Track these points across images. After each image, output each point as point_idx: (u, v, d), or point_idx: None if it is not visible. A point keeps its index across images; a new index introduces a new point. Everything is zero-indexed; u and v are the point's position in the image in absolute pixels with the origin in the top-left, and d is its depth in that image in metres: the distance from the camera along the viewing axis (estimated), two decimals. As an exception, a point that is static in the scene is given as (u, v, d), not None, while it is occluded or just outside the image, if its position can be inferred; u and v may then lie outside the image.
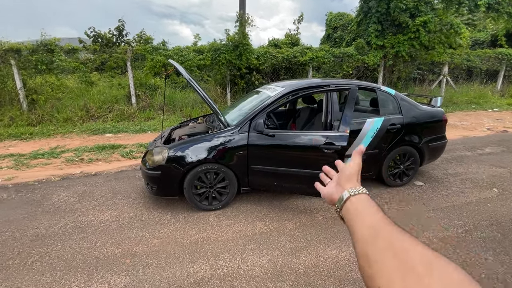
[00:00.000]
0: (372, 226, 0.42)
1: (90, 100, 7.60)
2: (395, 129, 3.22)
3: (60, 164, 4.53)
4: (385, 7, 8.28)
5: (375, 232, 0.41)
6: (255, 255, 2.22)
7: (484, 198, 3.16)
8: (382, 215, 0.44)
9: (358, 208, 0.48)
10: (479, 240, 2.39)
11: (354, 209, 0.49)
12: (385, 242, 0.38)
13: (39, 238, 2.46)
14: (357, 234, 0.44)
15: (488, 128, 6.77)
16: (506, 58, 10.63)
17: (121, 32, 10.94)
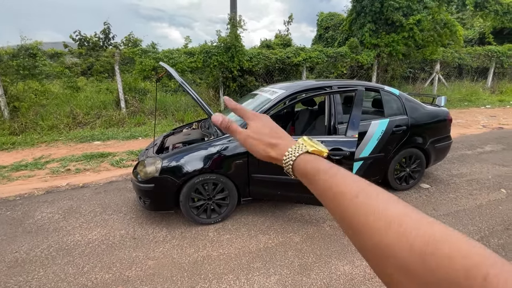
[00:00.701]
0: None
1: (77, 106, 7.26)
2: (401, 131, 3.08)
3: (45, 176, 4.23)
4: (378, 6, 8.24)
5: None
6: (261, 275, 2.02)
7: (494, 200, 3.05)
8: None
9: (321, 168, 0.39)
10: (497, 248, 2.26)
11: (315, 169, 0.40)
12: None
13: (19, 264, 2.19)
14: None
15: (484, 125, 6.78)
16: (495, 55, 10.78)
17: (107, 35, 10.61)
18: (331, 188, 0.36)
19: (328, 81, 3.17)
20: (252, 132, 0.48)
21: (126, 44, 11.85)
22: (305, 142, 0.44)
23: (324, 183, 0.37)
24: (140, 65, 7.78)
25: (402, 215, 0.28)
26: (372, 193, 0.32)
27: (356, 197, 0.32)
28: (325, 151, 0.44)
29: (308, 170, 0.40)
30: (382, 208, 0.30)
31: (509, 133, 5.99)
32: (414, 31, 8.23)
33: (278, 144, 0.46)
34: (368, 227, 0.29)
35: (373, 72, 9.22)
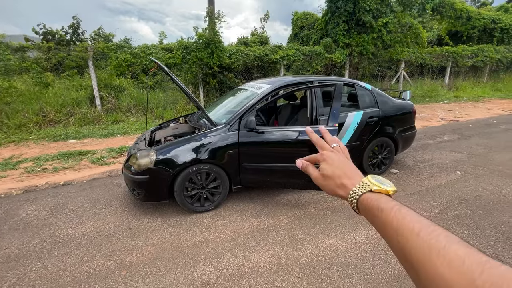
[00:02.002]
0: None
1: (47, 103, 6.87)
2: (373, 122, 3.44)
3: (20, 175, 4.05)
4: (351, 7, 8.76)
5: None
6: (257, 252, 2.21)
7: (451, 180, 3.52)
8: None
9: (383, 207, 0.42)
10: (454, 218, 2.67)
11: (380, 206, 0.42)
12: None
13: (12, 259, 2.17)
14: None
15: (442, 118, 7.56)
16: (451, 56, 11.92)
17: (76, 30, 10.04)
18: (392, 224, 0.38)
19: (310, 77, 3.43)
20: (321, 175, 0.53)
21: (95, 39, 11.29)
22: (369, 181, 0.47)
23: (385, 218, 0.40)
24: (116, 60, 7.55)
25: (465, 254, 0.29)
26: (433, 231, 0.34)
27: (417, 235, 0.34)
28: (391, 190, 0.46)
29: (371, 207, 0.43)
30: (444, 246, 0.31)
31: (463, 125, 6.76)
32: (382, 32, 8.88)
33: (346, 184, 0.49)
34: (429, 263, 0.31)
35: (345, 70, 9.77)
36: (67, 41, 9.60)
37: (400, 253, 0.36)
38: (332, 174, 0.52)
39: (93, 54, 7.24)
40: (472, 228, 2.49)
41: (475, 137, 5.53)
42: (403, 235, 0.36)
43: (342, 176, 0.51)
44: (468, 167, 3.94)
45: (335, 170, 0.52)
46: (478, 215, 2.71)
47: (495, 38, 13.34)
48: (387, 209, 0.41)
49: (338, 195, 0.51)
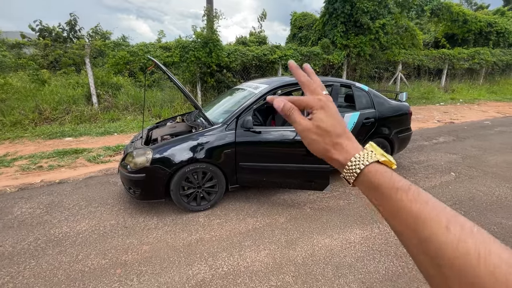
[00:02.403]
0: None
1: (43, 101, 6.81)
2: (370, 123, 3.46)
3: (14, 173, 4.01)
4: (349, 9, 8.80)
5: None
6: (252, 251, 2.22)
7: (445, 181, 3.56)
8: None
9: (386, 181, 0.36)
10: (447, 218, 2.69)
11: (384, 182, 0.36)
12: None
13: (6, 257, 2.16)
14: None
15: (438, 120, 7.62)
16: (448, 58, 12.02)
17: (73, 27, 9.97)
18: (411, 210, 0.32)
19: (306, 77, 3.44)
20: (316, 127, 0.41)
21: (93, 36, 11.22)
22: (374, 149, 0.39)
23: (401, 203, 0.33)
24: (113, 58, 7.51)
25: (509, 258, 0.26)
26: (465, 225, 0.29)
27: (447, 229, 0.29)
28: (394, 164, 0.39)
29: (380, 183, 0.35)
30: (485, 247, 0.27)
31: (458, 126, 6.83)
32: (379, 33, 8.93)
33: (344, 145, 0.40)
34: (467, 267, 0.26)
35: (343, 71, 9.82)
36: (64, 38, 9.54)
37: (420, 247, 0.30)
38: (331, 128, 0.41)
39: (90, 51, 7.20)
40: (465, 229, 2.52)
41: (470, 139, 5.58)
42: (427, 226, 0.30)
43: (341, 134, 0.41)
44: (463, 169, 3.99)
45: (336, 124, 0.41)
46: (472, 216, 2.74)
47: (490, 41, 13.48)
48: (404, 189, 0.33)
49: (332, 158, 0.41)
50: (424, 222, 0.30)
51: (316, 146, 0.42)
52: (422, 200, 0.32)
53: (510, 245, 0.27)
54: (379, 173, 0.37)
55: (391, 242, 2.34)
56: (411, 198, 0.33)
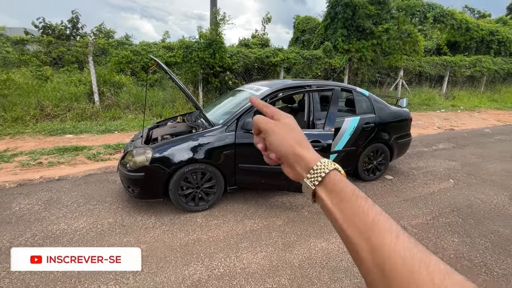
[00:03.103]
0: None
1: (45, 97, 6.84)
2: (369, 128, 3.47)
3: (14, 168, 4.02)
4: (350, 14, 8.84)
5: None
6: (249, 253, 2.22)
7: (444, 188, 3.56)
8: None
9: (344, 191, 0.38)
10: (445, 225, 2.70)
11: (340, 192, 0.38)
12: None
13: (3, 252, 2.16)
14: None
15: (439, 126, 7.63)
16: (450, 65, 12.06)
17: (75, 25, 10.02)
18: (368, 215, 0.34)
19: (308, 81, 3.46)
20: (283, 123, 0.46)
21: (97, 35, 11.27)
22: (330, 161, 0.42)
23: (360, 209, 0.35)
24: (116, 57, 7.54)
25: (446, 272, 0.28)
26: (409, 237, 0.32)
27: (397, 237, 0.31)
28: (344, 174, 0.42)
29: (344, 188, 0.38)
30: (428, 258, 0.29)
31: (459, 134, 6.84)
32: (382, 38, 8.96)
33: (309, 148, 0.44)
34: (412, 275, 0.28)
35: (344, 75, 9.85)
36: (66, 36, 9.59)
37: (370, 254, 0.32)
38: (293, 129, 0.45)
39: (94, 49, 7.23)
40: (463, 236, 2.52)
41: (469, 147, 5.59)
42: (379, 233, 0.32)
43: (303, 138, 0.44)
44: (462, 176, 3.99)
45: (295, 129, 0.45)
46: (469, 223, 2.74)
47: (492, 50, 13.52)
48: (363, 197, 0.36)
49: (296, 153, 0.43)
50: (379, 231, 0.32)
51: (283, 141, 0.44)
52: (377, 210, 0.35)
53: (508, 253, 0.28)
54: (341, 179, 0.39)
55: (388, 248, 2.34)
56: (369, 206, 0.35)
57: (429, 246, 2.37)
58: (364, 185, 3.63)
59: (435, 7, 11.64)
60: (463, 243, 2.44)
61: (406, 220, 2.78)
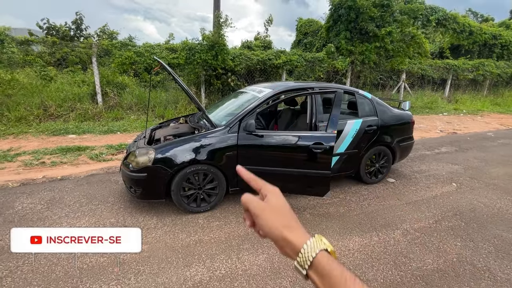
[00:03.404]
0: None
1: (48, 97, 6.88)
2: (372, 130, 3.47)
3: (17, 168, 4.05)
4: (354, 16, 8.86)
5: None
6: (251, 255, 2.22)
7: (446, 192, 3.54)
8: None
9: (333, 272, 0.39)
10: (447, 229, 2.68)
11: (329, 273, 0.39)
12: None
13: (6, 251, 2.17)
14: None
15: (441, 130, 7.60)
16: (452, 69, 12.03)
17: (79, 26, 10.12)
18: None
19: (310, 83, 3.47)
20: (271, 207, 0.46)
21: (100, 36, 11.36)
22: (321, 239, 0.43)
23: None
24: (119, 58, 7.58)
25: None
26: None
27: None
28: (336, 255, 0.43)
29: (333, 270, 0.38)
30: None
31: (461, 137, 6.81)
32: (385, 41, 8.97)
33: (297, 229, 0.44)
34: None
35: (347, 77, 9.85)
36: (70, 37, 9.68)
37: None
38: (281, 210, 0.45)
39: (97, 50, 7.28)
40: (465, 240, 2.51)
41: (472, 150, 5.57)
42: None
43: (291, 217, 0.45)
44: (464, 180, 3.97)
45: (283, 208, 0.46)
46: (472, 227, 2.72)
47: (494, 54, 13.49)
48: (351, 279, 0.37)
49: (285, 238, 0.43)
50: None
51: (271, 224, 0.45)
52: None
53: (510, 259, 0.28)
54: (330, 260, 0.40)
55: (390, 251, 2.33)
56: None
57: (431, 250, 2.36)
58: (366, 187, 3.62)
59: (438, 11, 11.64)
60: (466, 247, 2.42)
61: (408, 224, 2.77)
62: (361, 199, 3.30)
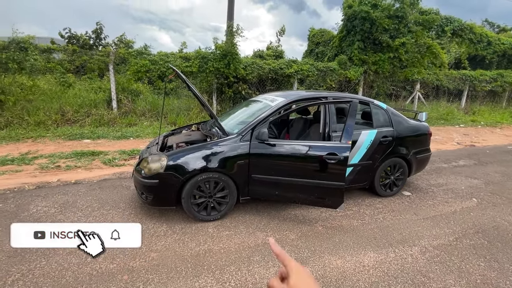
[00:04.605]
0: None
1: (66, 103, 7.12)
2: (387, 142, 3.37)
3: (34, 171, 4.15)
4: (368, 26, 8.83)
5: None
6: (261, 267, 2.15)
7: (467, 208, 3.38)
8: None
9: None
10: (469, 248, 2.53)
11: None
12: None
13: (19, 254, 2.19)
14: None
15: (458, 142, 7.35)
16: (469, 79, 11.73)
17: (98, 35, 10.53)
18: None
19: (324, 93, 3.43)
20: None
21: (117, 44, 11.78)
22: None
23: None
24: (135, 66, 7.81)
25: None
26: None
27: None
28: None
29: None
30: None
31: (480, 150, 6.55)
32: (399, 51, 8.87)
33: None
34: None
35: (359, 87, 9.75)
36: (89, 45, 10.07)
37: None
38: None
39: (114, 59, 7.52)
40: (489, 261, 2.35)
41: (492, 164, 5.33)
42: None
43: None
44: (485, 195, 3.78)
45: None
46: (496, 247, 2.56)
47: (514, 64, 13.10)
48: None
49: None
50: None
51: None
52: None
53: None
54: None
55: (407, 269, 2.21)
56: None
57: (452, 270, 2.22)
58: (380, 200, 3.50)
59: (453, 21, 11.47)
60: (491, 268, 2.27)
61: (426, 240, 2.63)
62: (375, 212, 3.18)
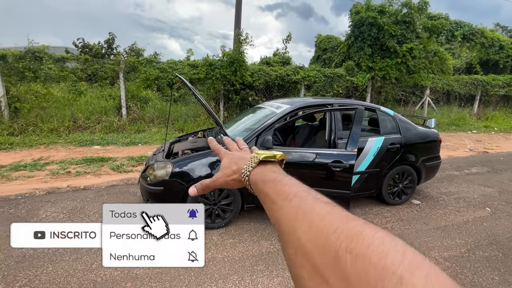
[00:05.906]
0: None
1: (78, 110, 7.33)
2: (395, 149, 3.31)
3: (45, 177, 4.26)
4: (376, 32, 8.80)
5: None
6: (265, 277, 2.12)
7: (479, 217, 3.26)
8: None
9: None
10: (482, 260, 2.43)
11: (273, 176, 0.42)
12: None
13: (26, 259, 2.24)
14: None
15: (470, 149, 7.14)
16: (481, 84, 11.46)
17: (110, 45, 10.87)
18: (270, 194, 0.38)
19: (330, 99, 3.41)
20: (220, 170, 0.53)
21: (128, 53, 12.12)
22: (257, 153, 0.46)
23: (266, 190, 0.39)
24: (144, 74, 7.98)
25: (326, 213, 0.28)
26: (307, 196, 0.33)
27: (290, 201, 0.33)
28: (278, 154, 0.47)
29: (256, 181, 0.43)
30: (311, 207, 0.30)
31: (493, 157, 6.34)
32: (406, 57, 8.78)
33: (239, 165, 0.49)
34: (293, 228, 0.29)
35: (367, 93, 9.66)
36: (101, 54, 10.39)
37: (276, 225, 0.34)
38: (228, 163, 0.51)
39: (124, 67, 7.72)
40: (504, 274, 2.25)
41: (507, 172, 5.14)
42: (277, 203, 0.35)
43: (236, 161, 0.50)
44: (499, 204, 3.64)
45: (233, 158, 0.51)
46: (511, 259, 2.45)
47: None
48: (270, 180, 0.40)
49: (235, 180, 0.48)
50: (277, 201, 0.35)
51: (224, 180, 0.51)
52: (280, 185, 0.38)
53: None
54: (257, 174, 0.44)
55: (417, 281, 2.13)
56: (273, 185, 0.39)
57: (465, 283, 2.13)
58: (388, 209, 3.42)
59: (464, 25, 11.28)
60: (506, 282, 2.17)
61: (437, 251, 2.55)
62: (383, 221, 3.11)
